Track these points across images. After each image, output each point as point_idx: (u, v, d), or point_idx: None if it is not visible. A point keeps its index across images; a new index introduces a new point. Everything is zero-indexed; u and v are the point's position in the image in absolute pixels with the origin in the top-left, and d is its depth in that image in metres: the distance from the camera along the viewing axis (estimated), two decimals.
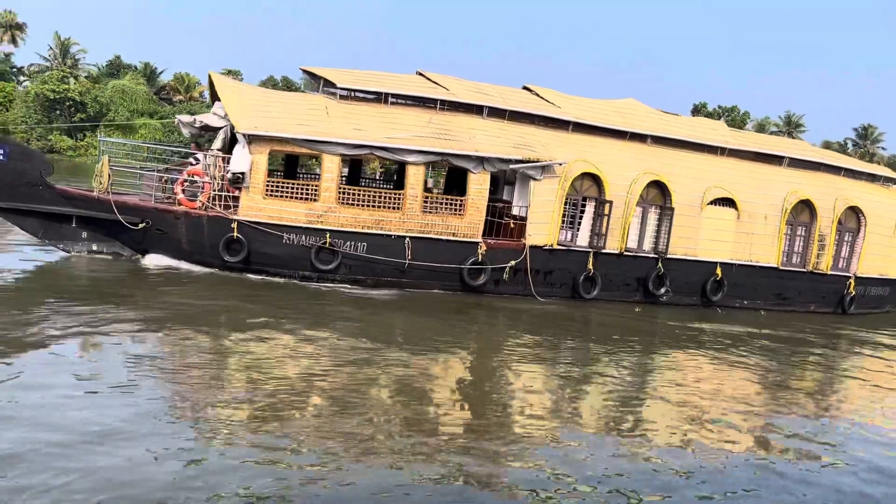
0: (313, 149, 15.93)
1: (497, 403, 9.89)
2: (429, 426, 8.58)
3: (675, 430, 9.52)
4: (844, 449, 9.44)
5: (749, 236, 19.63)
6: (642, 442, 8.86)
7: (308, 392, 9.37)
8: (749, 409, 10.79)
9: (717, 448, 8.92)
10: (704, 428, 9.68)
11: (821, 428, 10.38)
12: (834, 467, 8.68)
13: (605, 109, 19.72)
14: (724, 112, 73.33)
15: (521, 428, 8.94)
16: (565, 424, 9.30)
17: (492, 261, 17.09)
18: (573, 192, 17.84)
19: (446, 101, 17.50)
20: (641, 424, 9.68)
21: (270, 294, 14.94)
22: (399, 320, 14.36)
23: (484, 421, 9.01)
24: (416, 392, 9.84)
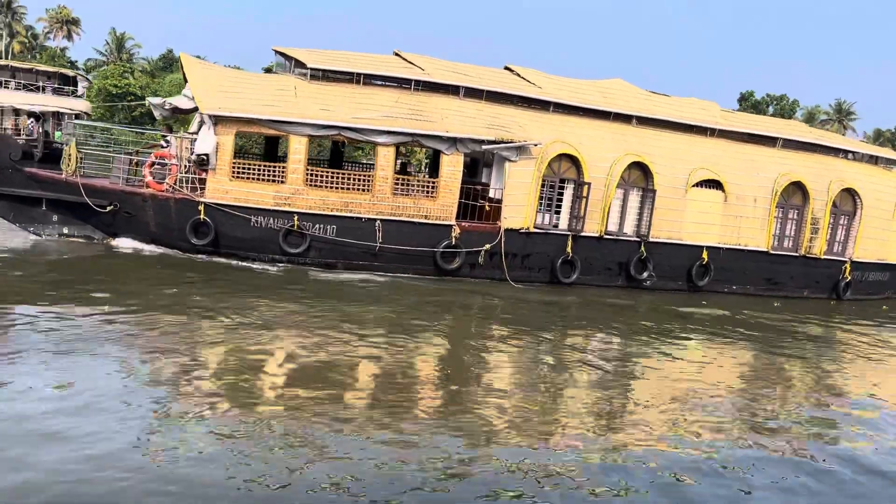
0: (280, 129, 15.59)
1: (469, 390, 9.47)
2: (397, 414, 8.20)
3: (657, 418, 9.06)
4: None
5: (737, 219, 18.93)
6: (621, 429, 8.54)
7: (276, 380, 9.05)
8: (729, 395, 10.33)
9: (702, 438, 8.47)
10: (687, 417, 9.22)
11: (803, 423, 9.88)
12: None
13: (589, 90, 19.11)
14: (773, 100, 71.87)
15: (496, 416, 8.55)
16: (541, 414, 8.83)
17: (466, 244, 16.65)
18: (551, 174, 17.30)
19: (421, 81, 17.03)
20: (620, 412, 9.30)
21: (234, 278, 14.70)
22: (370, 305, 13.90)
23: (455, 408, 8.65)
24: (385, 380, 9.44)
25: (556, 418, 8.77)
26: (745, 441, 8.49)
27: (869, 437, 9.25)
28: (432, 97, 16.88)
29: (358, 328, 11.64)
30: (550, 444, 7.79)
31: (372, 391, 9.10)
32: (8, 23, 70.06)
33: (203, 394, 8.23)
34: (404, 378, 9.65)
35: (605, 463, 7.41)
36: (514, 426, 8.26)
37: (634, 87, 20.07)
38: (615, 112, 18.65)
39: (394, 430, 7.69)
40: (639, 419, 9.04)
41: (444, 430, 7.82)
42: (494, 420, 8.36)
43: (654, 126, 19.02)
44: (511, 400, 9.20)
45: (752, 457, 7.96)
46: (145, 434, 6.87)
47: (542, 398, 9.44)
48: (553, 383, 10.22)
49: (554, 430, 8.34)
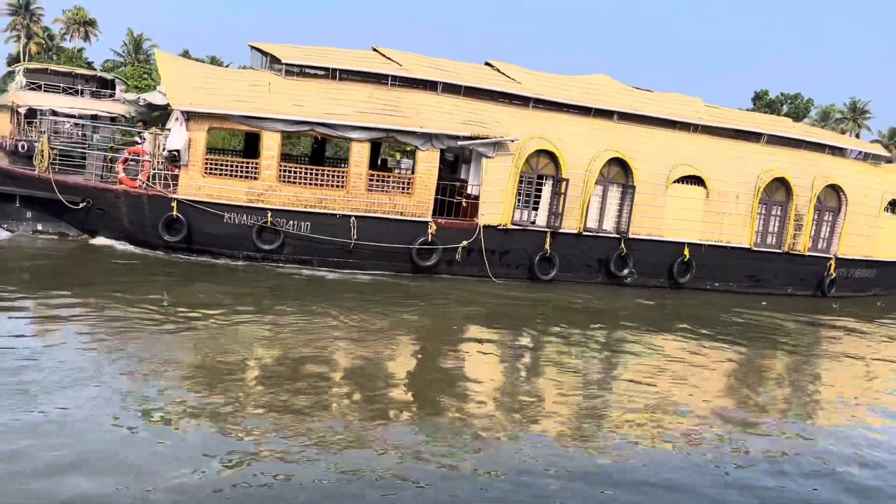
0: (252, 125, 15.42)
1: (449, 388, 9.28)
2: (374, 414, 8.03)
3: (637, 419, 8.86)
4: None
5: (719, 215, 18.70)
6: (601, 431, 8.34)
7: (249, 376, 8.87)
8: (707, 394, 10.15)
9: (680, 438, 8.28)
10: (666, 417, 9.04)
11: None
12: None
13: (571, 86, 18.89)
14: (787, 99, 71.42)
15: (477, 415, 8.40)
16: (522, 414, 8.65)
17: (443, 241, 16.47)
18: (529, 170, 17.11)
19: (398, 76, 16.82)
20: (602, 412, 9.07)
21: (209, 275, 14.57)
22: (344, 302, 13.69)
23: (436, 408, 8.47)
24: (363, 380, 9.22)
25: (530, 419, 8.59)
26: (718, 441, 8.32)
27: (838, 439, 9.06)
28: (409, 93, 16.69)
29: (326, 326, 11.49)
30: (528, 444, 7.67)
31: (340, 390, 8.87)
32: (26, 24, 70.42)
33: (162, 396, 8.07)
34: (375, 377, 9.42)
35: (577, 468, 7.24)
36: (490, 426, 8.09)
37: (617, 83, 19.84)
38: (596, 108, 18.42)
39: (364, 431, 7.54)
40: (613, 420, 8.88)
41: (411, 432, 7.68)
42: (467, 422, 8.18)
43: (636, 122, 18.78)
44: (485, 399, 9.04)
45: (726, 456, 7.81)
46: None
47: (519, 397, 9.28)
48: (529, 383, 10.04)
49: (527, 429, 8.18)
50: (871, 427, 9.54)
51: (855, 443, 8.71)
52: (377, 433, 7.48)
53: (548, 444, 7.73)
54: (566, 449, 7.62)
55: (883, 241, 20.84)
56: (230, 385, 8.44)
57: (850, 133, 74.19)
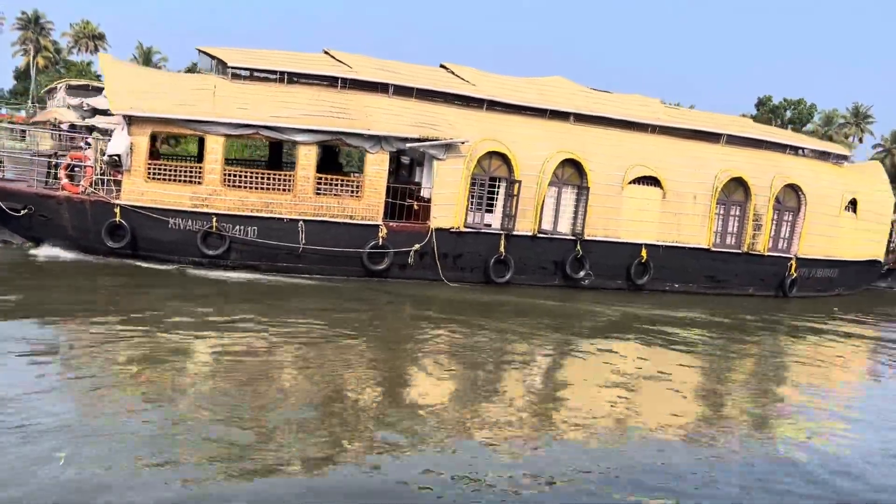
0: (196, 129, 15.14)
1: (400, 396, 8.99)
2: (323, 424, 7.66)
3: (591, 422, 8.59)
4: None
5: (676, 216, 18.50)
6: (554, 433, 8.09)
7: (192, 390, 8.44)
8: (670, 397, 9.87)
9: (642, 440, 8.04)
10: (628, 418, 8.82)
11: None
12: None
13: (527, 88, 18.69)
14: (790, 105, 71.90)
15: (428, 421, 8.07)
16: (474, 419, 8.33)
17: (395, 244, 16.20)
18: (481, 172, 16.87)
19: (348, 79, 16.59)
20: (556, 416, 8.79)
21: (149, 282, 14.25)
22: (292, 308, 13.35)
23: (385, 415, 8.11)
24: (311, 388, 8.84)
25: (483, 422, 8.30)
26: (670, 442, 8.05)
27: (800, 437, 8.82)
28: (359, 95, 16.44)
29: (272, 333, 11.15)
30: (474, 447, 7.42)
31: (288, 398, 8.50)
32: (35, 38, 70.26)
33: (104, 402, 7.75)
34: (325, 384, 9.06)
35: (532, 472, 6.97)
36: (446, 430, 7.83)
37: (574, 84, 19.64)
38: (551, 109, 18.23)
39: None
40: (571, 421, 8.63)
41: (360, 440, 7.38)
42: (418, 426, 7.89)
43: (592, 123, 18.61)
44: (436, 403, 8.76)
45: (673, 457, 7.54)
46: None
47: (473, 399, 9.01)
48: (483, 386, 9.76)
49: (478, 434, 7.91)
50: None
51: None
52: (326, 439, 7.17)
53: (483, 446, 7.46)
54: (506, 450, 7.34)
55: (844, 240, 20.69)
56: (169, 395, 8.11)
57: (853, 137, 74.73)
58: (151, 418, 7.29)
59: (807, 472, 7.55)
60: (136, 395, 7.93)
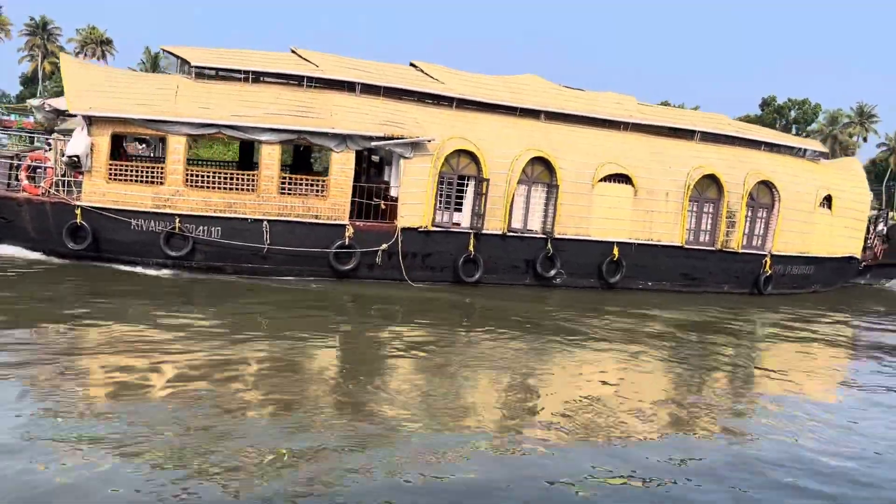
0: (157, 129, 14.92)
1: (366, 400, 8.62)
2: (286, 429, 7.39)
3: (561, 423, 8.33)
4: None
5: (648, 214, 18.36)
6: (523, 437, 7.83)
7: (152, 392, 8.21)
8: (634, 396, 9.61)
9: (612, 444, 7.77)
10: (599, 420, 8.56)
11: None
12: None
13: (498, 86, 18.52)
14: (795, 105, 72.09)
15: (394, 427, 7.78)
16: (439, 421, 8.07)
17: (362, 244, 16.01)
18: (449, 171, 16.69)
19: (314, 77, 16.40)
20: (523, 417, 8.56)
21: (110, 283, 14.03)
22: (257, 309, 13.05)
23: (352, 419, 7.84)
24: (275, 391, 8.57)
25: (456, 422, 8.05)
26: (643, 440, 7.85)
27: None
28: (325, 94, 16.25)
29: (233, 334, 10.93)
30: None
31: (256, 400, 8.28)
32: (43, 44, 70.04)
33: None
34: (290, 387, 8.83)
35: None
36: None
37: (547, 83, 19.48)
38: (522, 107, 18.07)
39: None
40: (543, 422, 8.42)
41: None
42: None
43: (563, 121, 18.45)
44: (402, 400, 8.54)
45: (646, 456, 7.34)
46: None
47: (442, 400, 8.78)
48: (452, 387, 9.53)
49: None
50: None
51: None
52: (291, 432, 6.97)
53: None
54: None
55: (819, 237, 20.57)
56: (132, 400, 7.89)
57: (857, 137, 74.94)
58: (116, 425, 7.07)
59: (778, 472, 7.35)
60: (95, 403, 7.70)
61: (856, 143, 75.82)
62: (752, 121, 72.89)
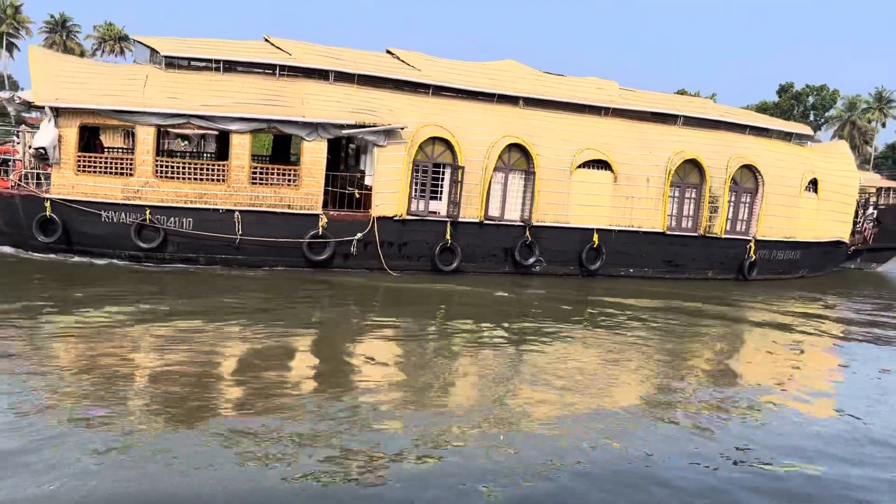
0: (125, 120, 14.73)
1: (343, 390, 8.46)
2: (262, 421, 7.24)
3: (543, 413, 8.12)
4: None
5: (629, 200, 18.09)
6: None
7: (125, 385, 8.05)
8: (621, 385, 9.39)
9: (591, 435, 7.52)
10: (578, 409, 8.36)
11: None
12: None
13: (475, 72, 18.24)
14: (813, 91, 71.65)
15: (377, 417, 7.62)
16: (424, 408, 7.94)
17: (336, 234, 15.83)
18: (424, 159, 16.46)
19: (287, 66, 16.17)
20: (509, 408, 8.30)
21: (81, 277, 13.90)
22: (229, 300, 12.84)
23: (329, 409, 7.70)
24: (253, 382, 8.38)
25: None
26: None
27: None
28: (297, 82, 16.02)
29: (209, 325, 10.76)
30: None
31: (234, 393, 8.13)
32: (62, 41, 70.19)
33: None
34: (269, 378, 8.65)
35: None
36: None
37: (526, 68, 19.18)
38: (500, 94, 17.80)
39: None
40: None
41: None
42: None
43: (543, 107, 18.16)
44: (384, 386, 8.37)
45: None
46: None
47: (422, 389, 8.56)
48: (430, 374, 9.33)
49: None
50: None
51: None
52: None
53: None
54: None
55: (805, 221, 20.26)
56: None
57: (875, 122, 74.38)
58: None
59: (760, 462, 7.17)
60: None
61: (874, 129, 75.17)
62: (770, 107, 72.64)
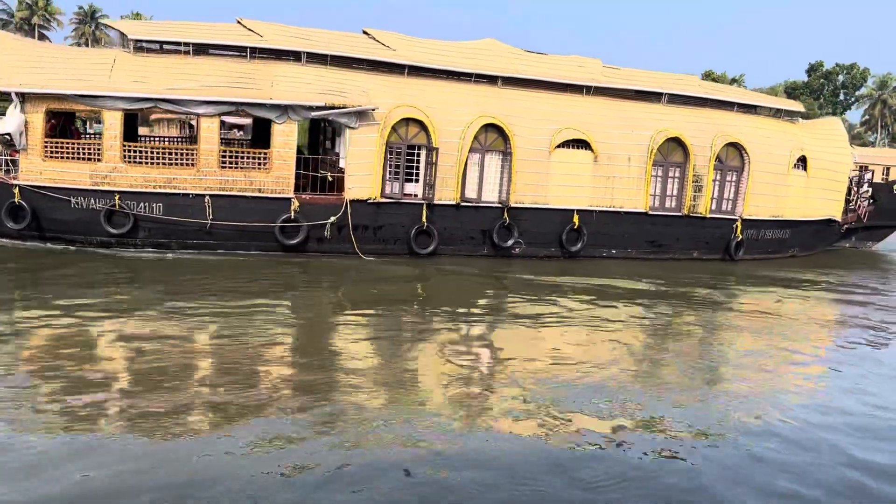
0: (92, 105, 14.52)
1: (321, 376, 8.27)
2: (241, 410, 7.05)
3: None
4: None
5: (609, 180, 17.71)
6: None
7: (97, 376, 7.83)
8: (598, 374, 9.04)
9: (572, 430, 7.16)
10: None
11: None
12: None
13: (454, 52, 17.87)
14: (843, 70, 70.76)
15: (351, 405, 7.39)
16: (397, 401, 7.62)
17: (309, 217, 15.61)
18: (398, 140, 16.16)
19: (258, 48, 15.89)
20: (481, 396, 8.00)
21: (46, 263, 13.79)
22: (196, 287, 12.63)
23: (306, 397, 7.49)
24: (225, 371, 8.16)
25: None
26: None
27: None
28: (268, 64, 15.74)
29: (179, 311, 10.57)
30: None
31: (207, 382, 7.89)
32: (92, 32, 70.43)
33: None
34: (243, 365, 8.44)
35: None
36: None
37: (507, 47, 18.77)
38: (477, 73, 17.44)
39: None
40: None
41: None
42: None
43: (522, 86, 17.77)
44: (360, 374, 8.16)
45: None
46: None
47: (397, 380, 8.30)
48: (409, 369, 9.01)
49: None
50: None
51: None
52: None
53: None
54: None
55: (794, 199, 19.81)
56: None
57: None
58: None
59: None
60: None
61: None
62: (799, 87, 71.39)
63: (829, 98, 72.79)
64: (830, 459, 6.71)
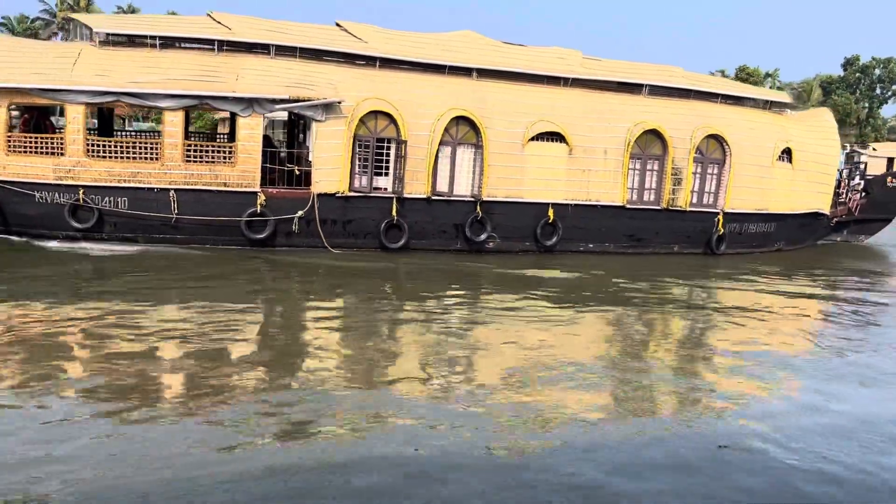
0: (54, 98, 14.38)
1: (290, 371, 8.15)
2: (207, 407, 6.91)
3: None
4: None
5: (585, 173, 17.31)
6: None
7: (61, 372, 7.75)
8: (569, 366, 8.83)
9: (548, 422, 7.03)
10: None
11: None
12: None
13: (427, 44, 17.52)
14: (879, 63, 69.85)
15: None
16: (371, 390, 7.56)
17: (276, 212, 15.37)
18: (366, 133, 15.87)
19: (226, 41, 15.63)
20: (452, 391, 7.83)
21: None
22: (160, 282, 12.47)
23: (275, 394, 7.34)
24: (194, 368, 7.97)
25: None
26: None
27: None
28: (236, 57, 15.48)
29: (144, 306, 10.41)
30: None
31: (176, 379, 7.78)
32: None
33: None
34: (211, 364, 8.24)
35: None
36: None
37: (484, 39, 18.37)
38: (451, 65, 17.08)
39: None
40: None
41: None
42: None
43: (498, 78, 17.39)
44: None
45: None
46: None
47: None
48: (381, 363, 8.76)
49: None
50: None
51: None
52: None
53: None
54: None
55: (778, 192, 19.29)
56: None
57: None
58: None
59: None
60: None
61: None
62: (834, 81, 70.19)
63: (866, 92, 71.28)
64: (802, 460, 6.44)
